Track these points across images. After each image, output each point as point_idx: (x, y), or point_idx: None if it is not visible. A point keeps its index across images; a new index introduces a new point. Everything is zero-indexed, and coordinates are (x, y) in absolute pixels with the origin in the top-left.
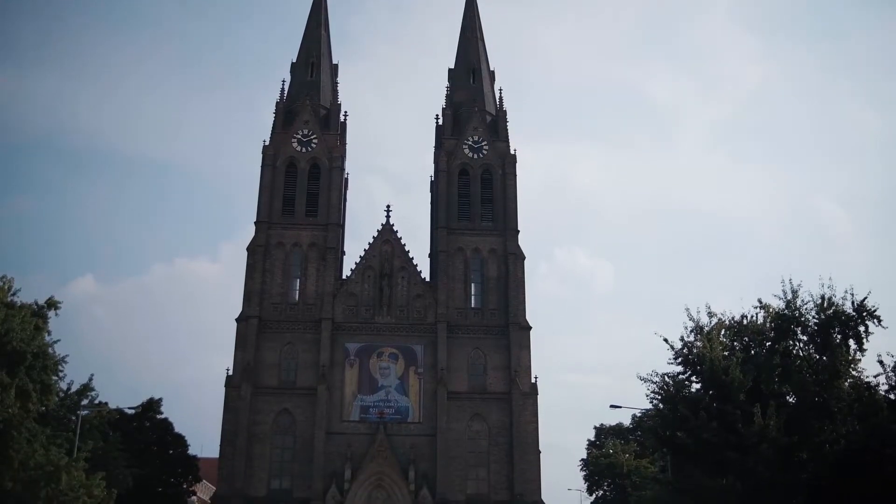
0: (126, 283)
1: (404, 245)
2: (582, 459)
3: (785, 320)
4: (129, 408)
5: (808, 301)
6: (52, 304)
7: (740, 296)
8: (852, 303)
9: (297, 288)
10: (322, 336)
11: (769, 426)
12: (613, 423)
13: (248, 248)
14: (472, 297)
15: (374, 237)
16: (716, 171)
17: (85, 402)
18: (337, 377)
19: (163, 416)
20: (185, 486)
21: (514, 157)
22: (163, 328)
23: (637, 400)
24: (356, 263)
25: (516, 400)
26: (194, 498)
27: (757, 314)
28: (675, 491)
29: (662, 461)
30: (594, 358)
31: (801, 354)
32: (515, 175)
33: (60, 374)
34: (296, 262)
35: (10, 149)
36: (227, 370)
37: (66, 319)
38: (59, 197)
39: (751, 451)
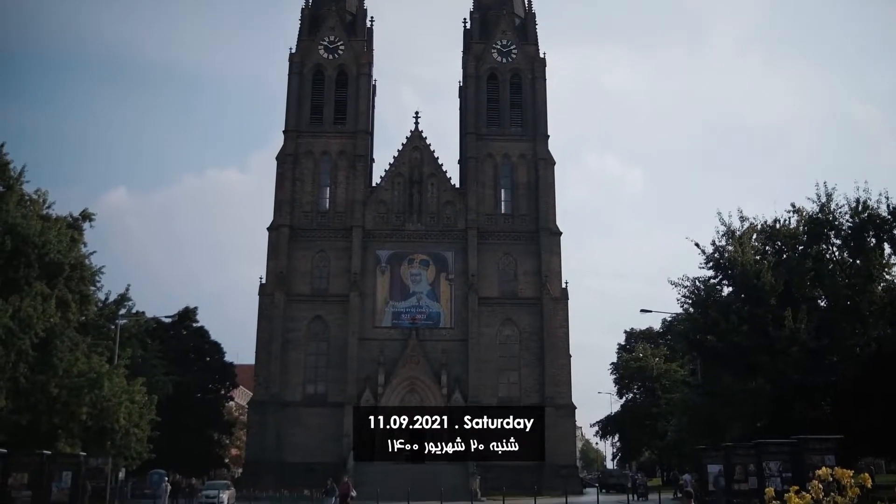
0: (158, 194)
1: (433, 152)
2: (612, 363)
3: (818, 224)
4: (166, 317)
5: (843, 204)
6: (86, 216)
7: (773, 199)
8: (887, 206)
9: (328, 196)
10: (353, 243)
11: (800, 330)
12: (643, 328)
13: (277, 158)
14: (502, 203)
15: (403, 144)
16: (749, 74)
17: (122, 311)
18: (369, 284)
19: (199, 325)
20: (223, 392)
21: (543, 61)
22: (195, 238)
23: (667, 304)
24: (386, 171)
25: (547, 305)
26: (232, 403)
27: (790, 218)
28: (704, 394)
29: (692, 364)
30: (624, 263)
31: (833, 258)
32: (545, 79)
33: (98, 285)
34: (325, 171)
35: (41, 60)
36: (261, 278)
37: (100, 231)
38: (91, 109)
39: (781, 355)
